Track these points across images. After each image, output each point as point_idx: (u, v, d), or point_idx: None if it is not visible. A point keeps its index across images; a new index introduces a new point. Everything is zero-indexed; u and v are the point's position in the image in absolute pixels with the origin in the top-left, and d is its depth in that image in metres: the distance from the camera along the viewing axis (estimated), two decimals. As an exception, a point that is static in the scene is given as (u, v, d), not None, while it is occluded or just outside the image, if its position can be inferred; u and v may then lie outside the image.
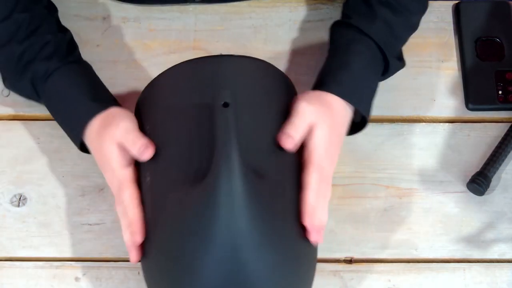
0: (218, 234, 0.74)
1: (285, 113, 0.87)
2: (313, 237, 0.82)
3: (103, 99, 0.92)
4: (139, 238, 0.83)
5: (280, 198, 0.80)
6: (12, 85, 0.96)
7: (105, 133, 0.86)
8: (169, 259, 0.78)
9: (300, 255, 0.81)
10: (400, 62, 0.97)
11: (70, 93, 0.91)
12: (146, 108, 0.89)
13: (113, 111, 0.88)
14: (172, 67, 0.87)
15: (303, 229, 0.82)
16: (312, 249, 0.84)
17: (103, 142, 0.86)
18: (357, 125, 0.94)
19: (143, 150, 0.84)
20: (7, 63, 0.93)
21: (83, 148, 0.91)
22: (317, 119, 0.85)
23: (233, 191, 0.73)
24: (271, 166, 0.82)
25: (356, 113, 0.92)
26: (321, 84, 0.91)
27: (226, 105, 0.74)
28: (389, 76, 0.97)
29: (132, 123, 0.87)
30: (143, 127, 0.87)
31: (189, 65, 0.86)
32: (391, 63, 0.94)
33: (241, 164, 0.73)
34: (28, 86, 0.93)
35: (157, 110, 0.87)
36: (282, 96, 0.89)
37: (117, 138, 0.85)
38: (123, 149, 0.85)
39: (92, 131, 0.88)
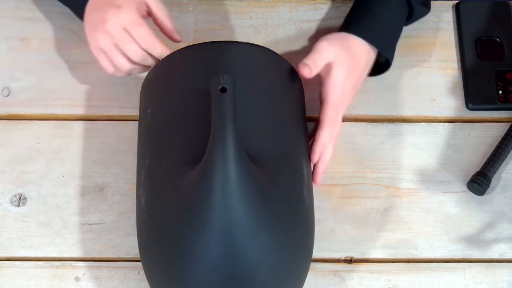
0: (212, 217, 0.74)
1: (289, 102, 0.88)
2: (317, 177, 0.87)
3: None
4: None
5: (277, 186, 0.80)
6: None
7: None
8: (164, 241, 0.79)
9: (295, 243, 0.81)
10: (425, 8, 0.98)
11: None
12: (150, 90, 0.89)
13: None
14: (176, 51, 0.87)
15: (299, 216, 0.82)
16: (309, 238, 0.84)
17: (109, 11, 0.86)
18: (381, 66, 0.96)
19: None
20: None
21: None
22: (336, 59, 0.88)
23: (227, 174, 0.73)
24: (271, 155, 0.82)
25: (380, 54, 0.94)
26: (346, 27, 0.93)
27: (224, 90, 0.74)
28: (413, 22, 0.98)
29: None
30: (146, 109, 0.87)
31: (192, 50, 0.87)
32: (415, 9, 0.96)
33: (236, 148, 0.73)
34: None
35: (160, 93, 0.87)
36: (286, 84, 0.89)
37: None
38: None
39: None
